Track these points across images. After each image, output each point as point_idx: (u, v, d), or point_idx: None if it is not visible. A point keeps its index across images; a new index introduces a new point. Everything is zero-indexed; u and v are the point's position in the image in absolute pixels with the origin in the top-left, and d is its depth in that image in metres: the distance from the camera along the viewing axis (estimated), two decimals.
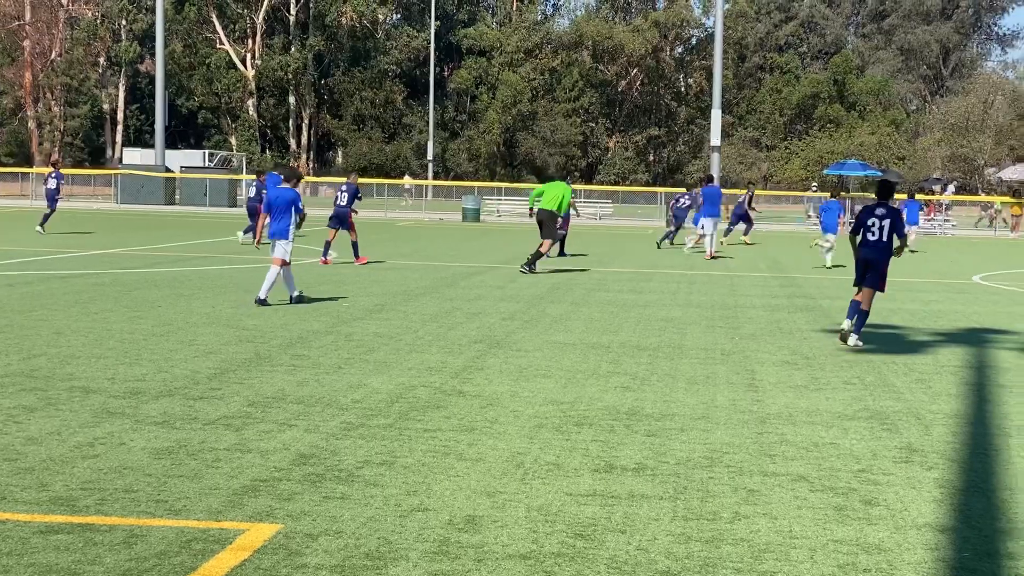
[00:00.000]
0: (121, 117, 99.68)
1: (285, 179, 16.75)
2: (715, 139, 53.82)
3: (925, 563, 5.73)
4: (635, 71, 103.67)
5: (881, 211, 13.45)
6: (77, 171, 71.41)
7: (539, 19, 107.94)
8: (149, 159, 63.50)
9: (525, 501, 6.57)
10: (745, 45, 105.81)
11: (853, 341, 13.21)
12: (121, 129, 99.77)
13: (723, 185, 44.83)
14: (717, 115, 53.66)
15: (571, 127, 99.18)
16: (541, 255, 23.00)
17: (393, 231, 37.80)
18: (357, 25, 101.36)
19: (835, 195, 29.84)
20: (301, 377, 10.30)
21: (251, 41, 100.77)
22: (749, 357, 12.35)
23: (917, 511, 6.63)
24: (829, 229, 26.31)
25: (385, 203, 58.70)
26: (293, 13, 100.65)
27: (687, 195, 35.23)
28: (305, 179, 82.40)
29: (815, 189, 65.68)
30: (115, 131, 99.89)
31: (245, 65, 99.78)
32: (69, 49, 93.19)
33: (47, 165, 57.22)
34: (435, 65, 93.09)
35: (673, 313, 16.36)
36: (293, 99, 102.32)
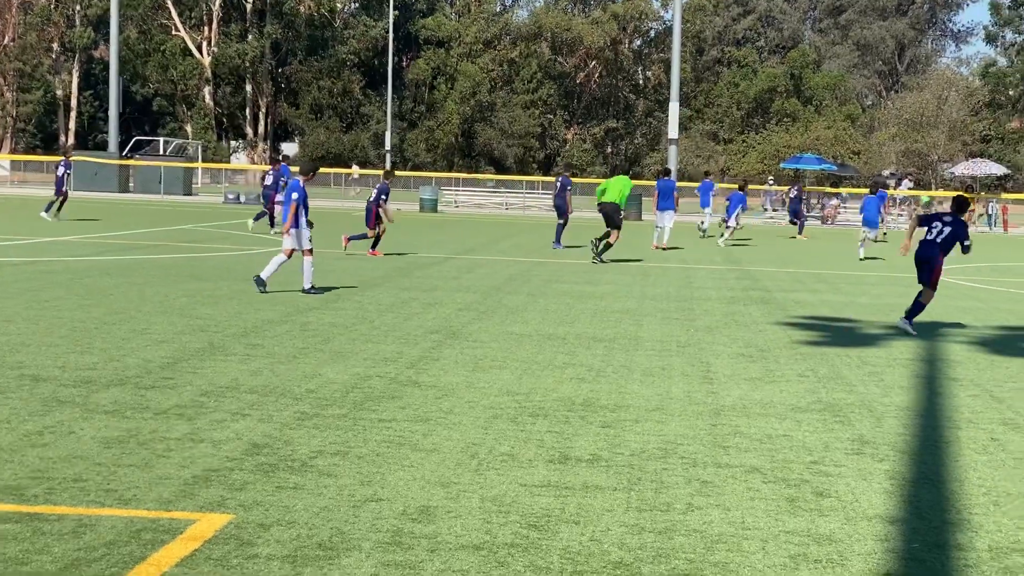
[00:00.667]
0: (75, 103, 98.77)
1: (300, 171, 17.00)
2: (673, 132, 54.00)
3: (875, 554, 5.77)
4: (593, 63, 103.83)
5: (948, 219, 14.56)
6: (29, 157, 70.74)
7: (498, 10, 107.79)
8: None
9: (479, 492, 6.56)
10: (703, 39, 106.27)
11: (902, 323, 14.41)
12: (75, 116, 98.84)
13: (680, 178, 45.19)
14: (675, 108, 53.84)
15: (529, 119, 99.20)
16: (611, 246, 24.40)
17: (349, 220, 37.64)
18: (315, 14, 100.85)
19: (873, 190, 30.15)
20: (255, 366, 10.24)
21: (207, 28, 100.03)
22: (704, 349, 12.40)
23: (868, 502, 6.68)
24: (870, 223, 28.46)
25: (342, 192, 58.45)
26: (250, 1, 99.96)
27: (793, 188, 40.00)
28: (264, 168, 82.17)
29: (772, 183, 66.01)
30: (68, 117, 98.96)
31: (201, 52, 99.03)
32: (22, 34, 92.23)
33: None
34: (393, 55, 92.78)
35: (629, 305, 16.40)
36: (250, 87, 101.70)
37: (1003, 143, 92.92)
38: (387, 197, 23.02)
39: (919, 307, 14.42)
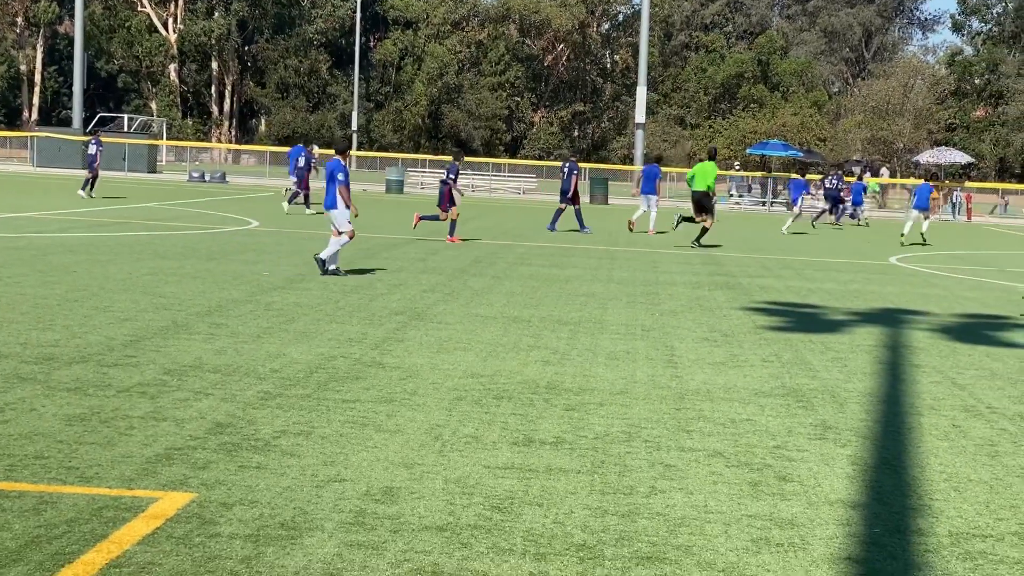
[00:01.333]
0: (39, 79, 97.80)
1: (338, 150, 17.10)
2: (640, 116, 54.08)
3: (837, 538, 5.80)
4: (561, 46, 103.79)
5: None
6: None
7: None
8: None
9: (443, 473, 6.55)
10: (671, 23, 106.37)
11: None
12: (39, 91, 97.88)
13: (644, 163, 45.27)
14: (642, 92, 53.91)
15: (496, 101, 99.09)
16: (707, 230, 25.60)
17: (313, 201, 37.45)
18: None
19: (928, 178, 32.19)
20: (219, 346, 10.18)
21: (173, 5, 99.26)
22: (669, 333, 12.43)
23: (830, 487, 6.72)
24: (920, 206, 29.86)
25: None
26: None
27: (833, 176, 40.11)
28: (230, 147, 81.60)
29: (738, 168, 66.19)
30: (32, 93, 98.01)
31: (167, 29, 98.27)
32: None
33: None
34: (361, 35, 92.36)
35: (595, 288, 16.42)
36: (216, 65, 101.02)
37: (968, 132, 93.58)
38: (456, 177, 23.20)
39: None
